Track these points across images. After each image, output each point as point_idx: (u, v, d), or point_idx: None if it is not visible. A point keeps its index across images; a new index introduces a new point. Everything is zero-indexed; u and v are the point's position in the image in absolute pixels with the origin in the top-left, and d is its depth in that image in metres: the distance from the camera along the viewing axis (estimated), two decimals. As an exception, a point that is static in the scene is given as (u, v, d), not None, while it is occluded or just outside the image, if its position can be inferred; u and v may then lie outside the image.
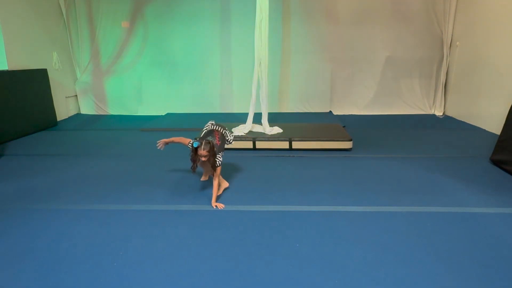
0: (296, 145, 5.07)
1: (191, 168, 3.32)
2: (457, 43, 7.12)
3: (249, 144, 5.14)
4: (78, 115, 8.07)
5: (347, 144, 5.04)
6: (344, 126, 6.16)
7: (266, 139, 5.13)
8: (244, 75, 7.44)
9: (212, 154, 3.23)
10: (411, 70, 7.67)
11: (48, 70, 6.86)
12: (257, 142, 5.12)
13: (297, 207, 3.31)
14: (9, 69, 6.06)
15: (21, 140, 5.96)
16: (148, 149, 5.31)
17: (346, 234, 2.83)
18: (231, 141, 3.77)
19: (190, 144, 3.27)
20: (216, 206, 3.34)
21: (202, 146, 3.17)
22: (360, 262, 2.47)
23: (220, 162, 3.36)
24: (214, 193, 3.41)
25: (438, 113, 7.61)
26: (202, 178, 4.00)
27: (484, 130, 6.13)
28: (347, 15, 7.47)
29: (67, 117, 7.82)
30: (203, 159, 3.22)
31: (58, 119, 7.26)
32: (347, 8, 7.43)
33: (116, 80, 8.06)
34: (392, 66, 7.65)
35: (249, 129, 5.46)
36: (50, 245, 2.73)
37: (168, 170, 4.39)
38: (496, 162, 4.34)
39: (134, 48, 7.94)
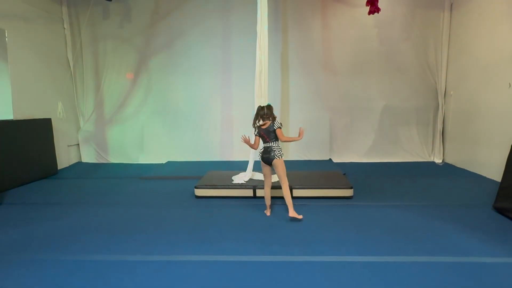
0: (296, 193, 5.04)
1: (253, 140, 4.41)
2: (451, 92, 7.34)
3: (249, 192, 5.11)
4: (79, 164, 8.10)
5: (348, 192, 5.01)
6: (344, 174, 6.16)
7: (267, 187, 5.11)
8: (244, 124, 7.56)
9: (273, 116, 4.27)
10: (408, 118, 7.83)
11: (52, 119, 7.01)
12: (257, 190, 5.09)
13: (299, 257, 3.22)
14: (14, 119, 6.18)
15: (20, 188, 5.93)
16: (147, 198, 5.28)
17: (350, 287, 2.73)
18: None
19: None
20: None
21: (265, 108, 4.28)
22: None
23: (280, 124, 4.23)
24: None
25: (438, 160, 7.65)
26: (268, 211, 4.41)
27: (485, 177, 6.13)
28: (343, 67, 7.77)
29: (68, 165, 7.85)
30: (265, 117, 4.23)
31: (59, 167, 7.28)
32: (343, 60, 7.76)
33: (119, 129, 8.20)
34: (389, 114, 7.82)
35: (249, 177, 5.46)
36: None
37: (166, 219, 4.32)
38: (499, 210, 4.29)
39: (137, 98, 8.16)
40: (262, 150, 4.28)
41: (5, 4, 6.16)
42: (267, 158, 4.20)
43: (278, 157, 4.16)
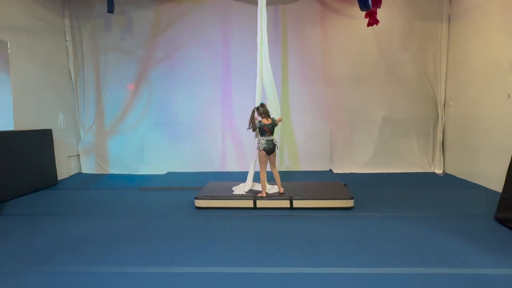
0: (297, 204, 5.02)
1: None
2: (450, 103, 7.37)
3: (249, 203, 5.09)
4: (79, 174, 8.08)
5: (349, 203, 4.99)
6: (345, 185, 6.14)
7: (267, 198, 5.10)
8: (244, 135, 7.60)
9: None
10: (408, 129, 7.85)
11: (53, 130, 7.02)
12: (257, 201, 5.08)
13: (299, 269, 3.19)
14: (15, 130, 6.20)
15: (19, 199, 5.91)
16: (147, 209, 5.25)
17: (352, 298, 2.70)
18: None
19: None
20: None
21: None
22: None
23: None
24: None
25: (438, 171, 7.64)
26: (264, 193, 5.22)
27: (486, 187, 6.11)
28: (343, 78, 7.82)
29: (68, 176, 7.83)
30: (267, 115, 5.09)
31: (59, 178, 7.26)
32: (342, 71, 7.81)
33: (119, 140, 8.20)
34: (389, 125, 7.84)
35: (249, 188, 5.45)
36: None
37: (166, 230, 4.30)
38: (501, 221, 4.27)
39: (137, 109, 8.18)
40: (267, 142, 5.03)
41: (7, 17, 6.23)
42: (273, 148, 5.08)
43: (277, 148, 5.21)
